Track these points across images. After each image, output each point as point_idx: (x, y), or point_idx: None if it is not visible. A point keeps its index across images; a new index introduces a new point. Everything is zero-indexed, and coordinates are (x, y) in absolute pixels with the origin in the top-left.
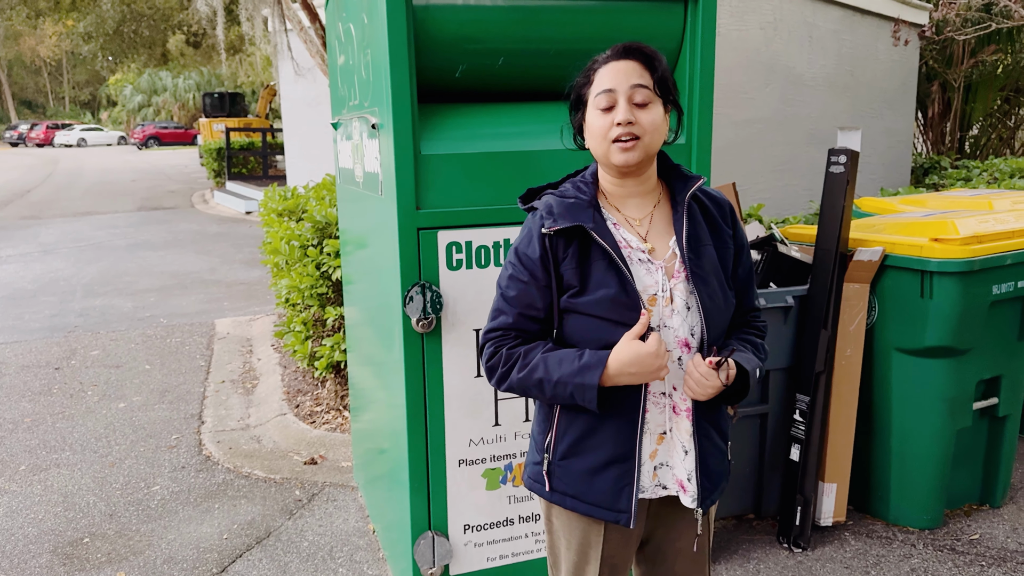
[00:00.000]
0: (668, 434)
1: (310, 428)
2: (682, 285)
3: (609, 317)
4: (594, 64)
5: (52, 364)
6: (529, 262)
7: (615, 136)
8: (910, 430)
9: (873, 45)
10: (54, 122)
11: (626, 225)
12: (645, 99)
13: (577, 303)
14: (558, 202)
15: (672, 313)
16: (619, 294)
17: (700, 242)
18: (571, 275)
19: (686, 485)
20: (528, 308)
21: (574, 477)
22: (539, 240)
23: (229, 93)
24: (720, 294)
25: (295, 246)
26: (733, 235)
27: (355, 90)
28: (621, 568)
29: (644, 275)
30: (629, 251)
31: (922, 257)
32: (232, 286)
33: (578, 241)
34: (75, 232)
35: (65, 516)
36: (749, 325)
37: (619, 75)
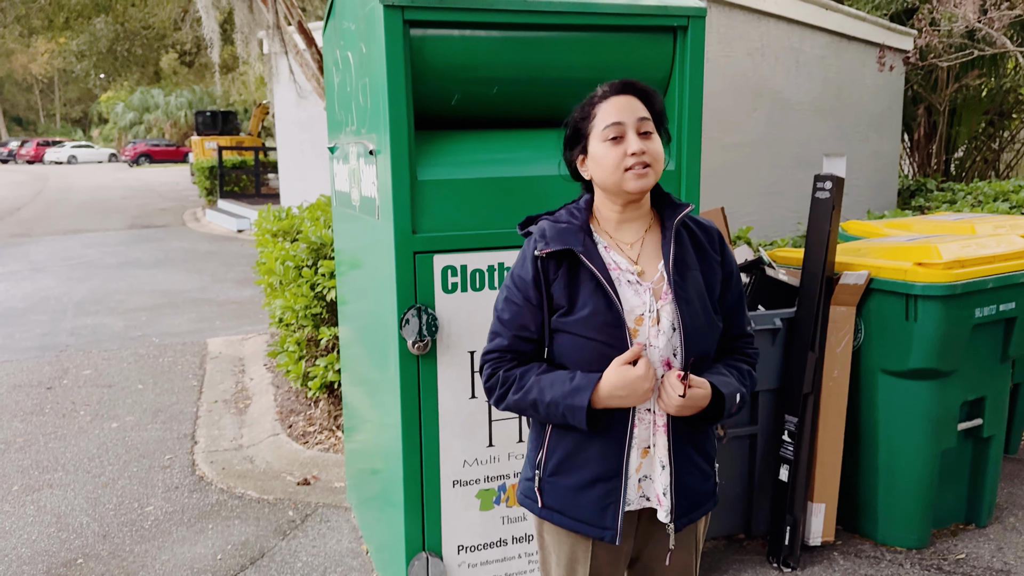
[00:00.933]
0: (651, 449)
1: (303, 448)
2: (669, 306)
3: (594, 336)
4: (593, 99)
5: (44, 383)
6: (523, 284)
7: (629, 165)
8: (896, 450)
9: (859, 70)
10: (45, 139)
11: (617, 249)
12: (649, 129)
13: (565, 322)
14: (551, 227)
15: (658, 333)
16: (604, 313)
17: (687, 266)
18: (560, 295)
19: (662, 499)
20: (522, 330)
21: (562, 493)
22: (532, 263)
23: (221, 111)
24: (703, 317)
25: (290, 266)
26: (721, 261)
27: (353, 116)
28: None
29: (632, 296)
30: (618, 272)
31: (906, 281)
32: (224, 305)
33: (568, 263)
34: (65, 250)
35: (59, 537)
36: (739, 352)
37: (624, 109)
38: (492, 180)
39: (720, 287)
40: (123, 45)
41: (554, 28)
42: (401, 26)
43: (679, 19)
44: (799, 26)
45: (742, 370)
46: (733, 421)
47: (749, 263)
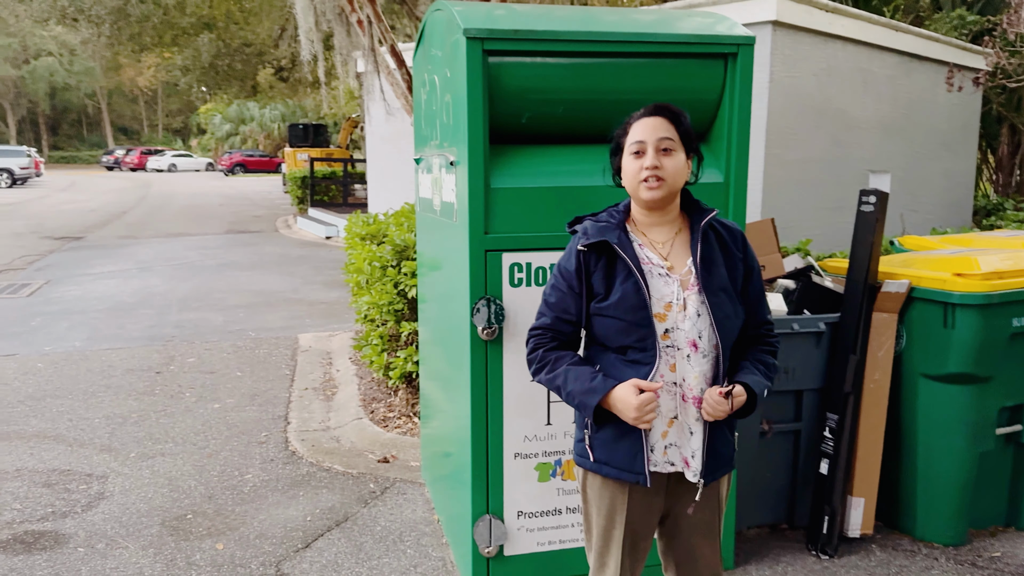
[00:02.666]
0: (677, 419)
1: (383, 431)
2: (694, 296)
3: (624, 317)
4: (631, 119)
5: (153, 368)
6: (567, 273)
7: (643, 177)
8: (934, 451)
9: (931, 90)
10: (147, 148)
11: (650, 246)
12: (669, 147)
13: (601, 307)
14: (592, 225)
15: (684, 318)
16: (632, 297)
17: (712, 262)
18: (599, 284)
19: (690, 461)
20: (563, 312)
21: (605, 445)
22: (575, 255)
23: (313, 124)
24: (729, 305)
25: (376, 266)
26: (743, 258)
27: (437, 131)
28: (643, 535)
29: (662, 286)
30: (650, 266)
31: (945, 290)
32: (313, 305)
33: (606, 257)
34: (168, 252)
35: (170, 496)
36: (763, 340)
37: (649, 129)
38: (555, 189)
39: (742, 280)
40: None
41: (614, 55)
42: (481, 55)
43: (729, 47)
44: (867, 47)
45: (768, 363)
46: (778, 417)
47: (798, 270)
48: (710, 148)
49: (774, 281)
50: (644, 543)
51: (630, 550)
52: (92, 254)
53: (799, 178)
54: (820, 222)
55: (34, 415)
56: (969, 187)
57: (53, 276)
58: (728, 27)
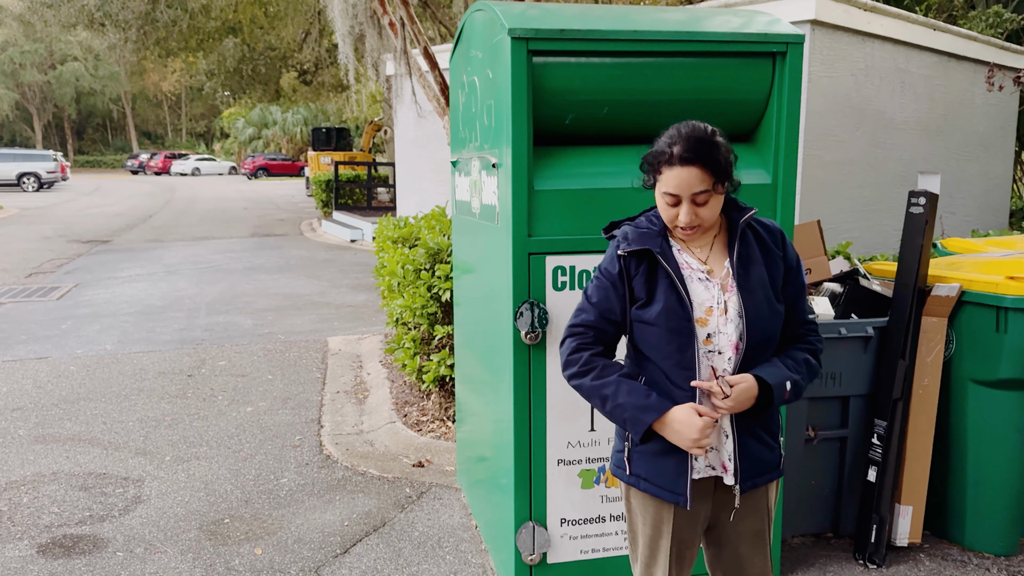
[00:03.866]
0: (717, 422)
1: (417, 435)
2: (735, 297)
3: (667, 325)
4: (662, 158)
5: (185, 372)
6: (609, 276)
7: (678, 227)
8: (985, 458)
9: (969, 89)
10: (171, 152)
11: (688, 250)
12: (704, 200)
13: (642, 314)
14: (632, 230)
15: (726, 321)
16: (675, 306)
17: (751, 261)
18: (640, 289)
19: (727, 465)
20: (607, 312)
21: (646, 461)
22: (617, 260)
23: (336, 128)
24: (766, 305)
25: (409, 269)
26: (783, 256)
27: (476, 133)
28: (689, 544)
29: (702, 291)
30: (690, 271)
31: (997, 294)
32: (341, 308)
33: (647, 262)
34: (195, 255)
35: (207, 500)
36: (802, 339)
37: (683, 184)
38: (600, 191)
39: (783, 279)
40: (248, 65)
41: (660, 55)
42: (525, 55)
43: (778, 45)
44: (905, 47)
45: (797, 358)
46: (824, 424)
47: (844, 274)
48: (757, 149)
49: (820, 284)
50: (690, 552)
51: (676, 559)
52: (119, 257)
53: (838, 180)
54: (859, 224)
55: (68, 418)
56: (1006, 189)
57: (82, 279)
58: (775, 24)
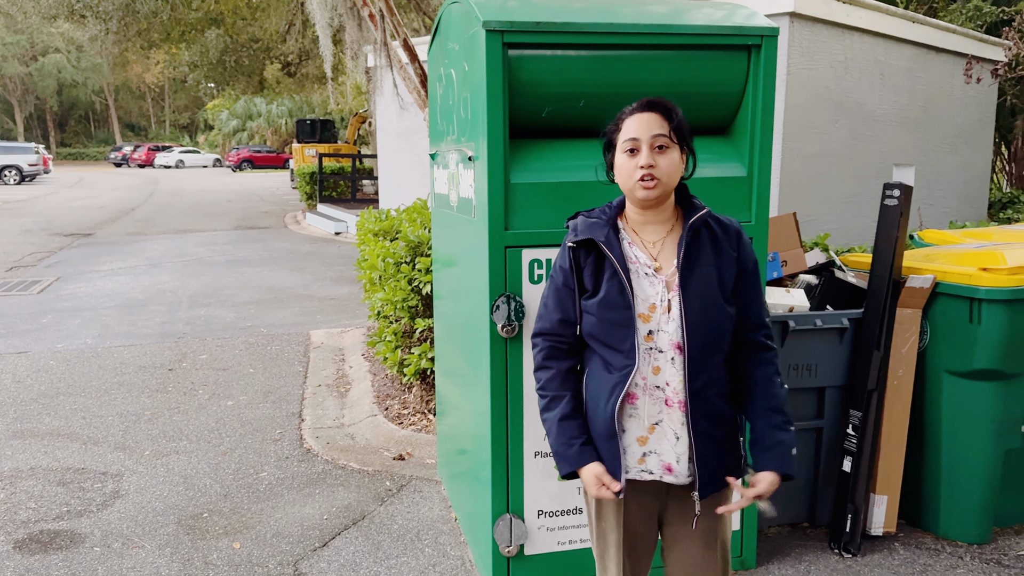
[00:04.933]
0: (659, 424)
1: (398, 428)
2: (678, 297)
3: (607, 316)
4: (623, 115)
5: (166, 366)
6: (561, 271)
7: (639, 176)
8: (959, 448)
9: (948, 82)
10: (155, 144)
11: (640, 245)
12: (663, 144)
13: (588, 304)
14: (583, 221)
15: (668, 320)
16: (616, 297)
17: (698, 262)
18: (588, 280)
19: (673, 467)
20: (564, 313)
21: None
22: (567, 252)
23: (320, 120)
24: (713, 307)
25: (390, 263)
26: (737, 256)
27: (453, 126)
28: (643, 537)
29: (647, 287)
30: (636, 265)
31: (971, 285)
32: (324, 301)
33: (596, 253)
34: (178, 248)
35: (186, 494)
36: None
37: (642, 126)
38: (576, 184)
39: (735, 280)
40: (231, 56)
41: (636, 47)
42: (500, 48)
43: (753, 38)
44: (884, 39)
45: (778, 403)
46: (799, 415)
47: (820, 265)
48: (733, 142)
49: (796, 276)
50: (645, 545)
51: (630, 552)
52: (102, 251)
53: (817, 172)
54: (838, 216)
55: (47, 413)
56: (985, 180)
57: (63, 273)
58: (751, 18)
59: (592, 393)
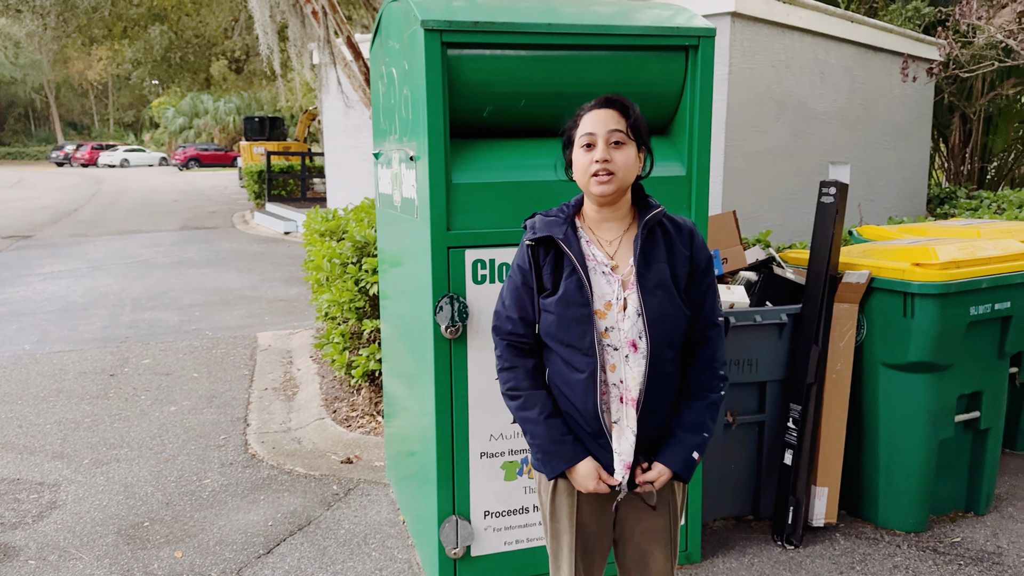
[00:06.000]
0: (618, 423)
1: (346, 431)
2: (635, 295)
3: (565, 313)
4: (581, 111)
5: (107, 371)
6: (520, 270)
7: (593, 171)
8: (896, 439)
9: (887, 80)
10: (98, 143)
11: (597, 244)
12: (620, 140)
13: (547, 303)
14: (541, 220)
15: (624, 318)
16: (575, 293)
17: (653, 259)
18: (547, 279)
19: (630, 466)
20: (521, 310)
21: None
22: (525, 250)
23: (269, 117)
24: (668, 305)
25: (336, 263)
26: (690, 256)
27: (396, 125)
28: (598, 539)
29: (603, 284)
30: (594, 263)
31: (904, 280)
32: (272, 302)
33: (554, 252)
34: (121, 249)
35: (126, 503)
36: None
37: (599, 121)
38: (519, 184)
39: (687, 279)
40: (176, 53)
41: (576, 48)
42: (439, 47)
43: (690, 39)
44: (824, 38)
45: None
46: (742, 409)
47: (760, 262)
48: (672, 141)
49: (736, 273)
50: (600, 546)
51: (583, 553)
52: (41, 253)
53: (759, 170)
54: (780, 213)
55: None
56: (923, 176)
57: (0, 277)
58: (688, 19)
59: (560, 392)
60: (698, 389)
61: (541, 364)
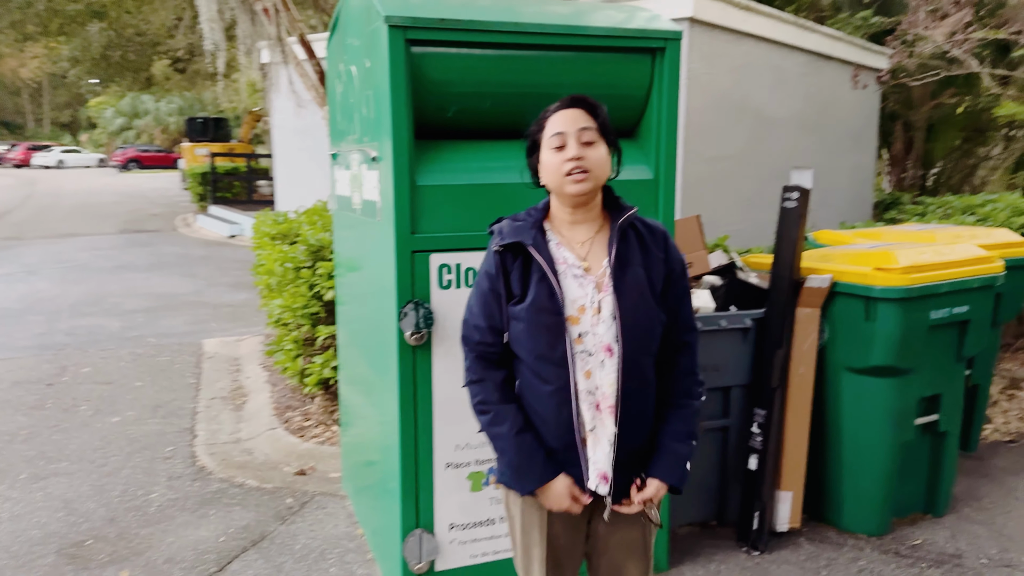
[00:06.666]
0: (594, 431)
1: (300, 441)
2: (609, 298)
3: (536, 320)
4: (546, 113)
5: (44, 380)
6: (488, 279)
7: (568, 170)
8: (859, 443)
9: (838, 88)
10: (33, 143)
11: (568, 246)
12: (591, 138)
13: (516, 310)
14: (509, 224)
15: (599, 322)
16: (545, 300)
17: (628, 262)
18: (516, 285)
19: (608, 476)
20: (490, 318)
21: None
22: (493, 257)
23: (213, 118)
24: (644, 309)
25: (289, 268)
26: (664, 258)
27: (356, 125)
28: (568, 552)
29: (576, 288)
30: (565, 266)
31: (866, 284)
32: (218, 308)
33: (523, 257)
34: (58, 253)
35: (67, 520)
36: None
37: (568, 120)
38: (485, 186)
39: (663, 283)
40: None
41: (543, 48)
42: (403, 44)
43: (657, 41)
44: (779, 46)
45: (693, 411)
46: (706, 415)
47: (723, 267)
48: (639, 144)
49: (700, 278)
50: (571, 561)
51: (554, 567)
52: None
53: (717, 174)
54: (738, 217)
55: None
56: (870, 182)
57: None
58: (656, 21)
59: (529, 405)
60: (680, 397)
61: (511, 376)
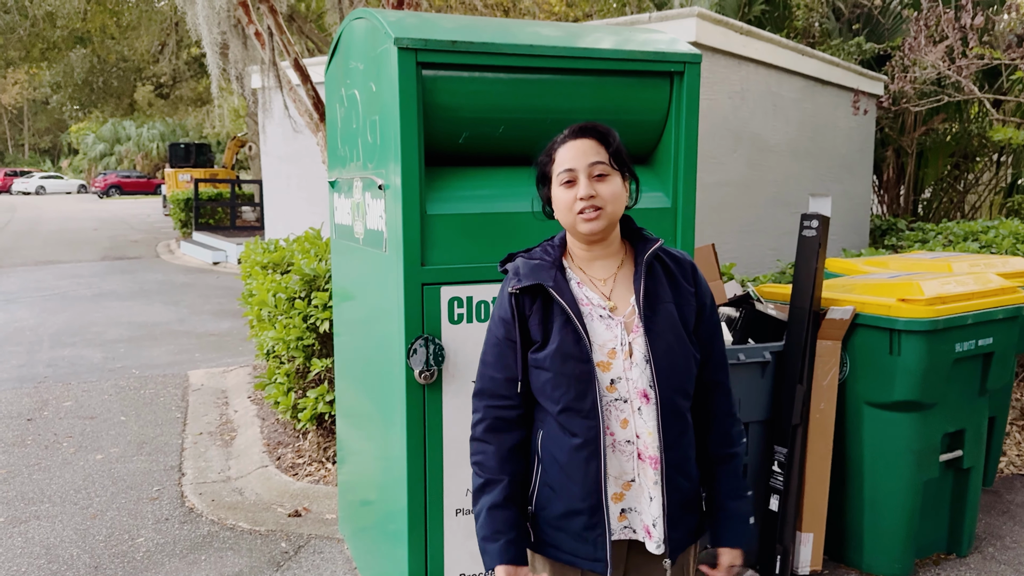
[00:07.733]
0: (635, 481)
1: (293, 480)
2: (640, 339)
3: (563, 371)
4: (554, 144)
5: (23, 415)
6: (503, 322)
7: (579, 209)
8: (881, 481)
9: (833, 113)
10: (12, 169)
11: (590, 284)
12: (603, 172)
13: (537, 357)
14: (524, 263)
15: (631, 365)
16: (572, 347)
17: (658, 299)
18: (535, 330)
19: (652, 531)
20: (506, 370)
21: (551, 525)
22: (508, 300)
23: (196, 144)
24: (678, 349)
25: (282, 298)
26: (695, 292)
27: (359, 151)
28: None
29: (603, 330)
30: (590, 308)
31: (890, 316)
32: (203, 337)
33: (542, 299)
34: (37, 281)
35: (48, 568)
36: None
37: (577, 154)
38: (498, 215)
39: (695, 318)
40: (99, 77)
41: (558, 72)
42: (414, 67)
43: (676, 64)
44: (776, 70)
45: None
46: None
47: (738, 298)
48: (655, 171)
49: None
50: None
51: None
52: None
53: (717, 201)
54: (738, 244)
55: None
56: (866, 208)
57: None
58: (674, 44)
59: (554, 459)
60: (723, 447)
61: (522, 441)
